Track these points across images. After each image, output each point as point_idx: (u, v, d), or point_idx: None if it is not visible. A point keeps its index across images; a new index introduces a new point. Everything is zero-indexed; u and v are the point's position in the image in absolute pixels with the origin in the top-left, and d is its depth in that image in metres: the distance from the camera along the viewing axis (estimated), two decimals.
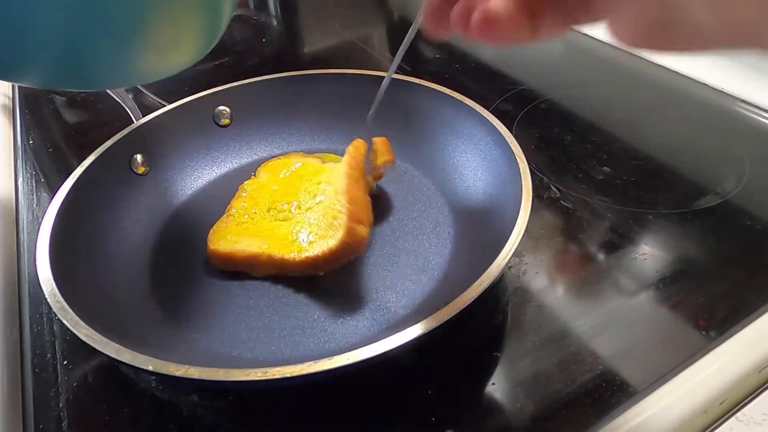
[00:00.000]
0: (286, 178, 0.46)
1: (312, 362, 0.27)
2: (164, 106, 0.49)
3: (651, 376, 0.33)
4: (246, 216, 0.43)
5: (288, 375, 0.27)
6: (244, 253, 0.40)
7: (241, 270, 0.40)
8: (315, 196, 0.44)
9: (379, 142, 0.45)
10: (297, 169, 0.47)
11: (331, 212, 0.40)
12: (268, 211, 0.43)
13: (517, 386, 0.33)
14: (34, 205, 0.51)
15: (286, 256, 0.39)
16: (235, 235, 0.41)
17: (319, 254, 0.38)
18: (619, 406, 0.31)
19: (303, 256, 0.39)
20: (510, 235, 0.33)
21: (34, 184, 0.53)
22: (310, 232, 0.40)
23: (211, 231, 0.42)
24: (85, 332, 0.29)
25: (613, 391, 0.32)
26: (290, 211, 0.43)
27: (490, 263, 0.32)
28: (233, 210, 0.44)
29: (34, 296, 0.41)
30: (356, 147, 0.43)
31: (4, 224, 0.49)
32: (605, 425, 0.31)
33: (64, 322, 0.30)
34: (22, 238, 0.47)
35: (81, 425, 0.33)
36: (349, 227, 0.38)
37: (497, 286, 0.38)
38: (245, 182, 0.46)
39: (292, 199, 0.44)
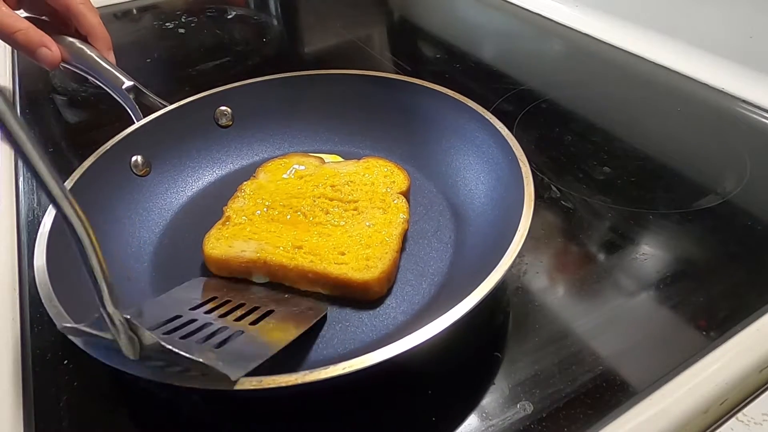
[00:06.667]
0: (287, 179, 0.46)
1: (307, 372, 0.27)
2: (165, 106, 0.49)
3: (651, 376, 0.33)
4: (244, 218, 0.42)
5: (283, 384, 0.26)
6: (240, 259, 0.39)
7: (239, 276, 0.40)
8: (329, 212, 0.43)
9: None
10: (297, 170, 0.47)
11: (371, 246, 0.39)
12: (267, 211, 0.43)
13: (518, 386, 0.33)
14: (34, 205, 0.51)
15: (285, 263, 0.38)
16: (231, 239, 0.40)
17: (334, 275, 0.37)
18: (619, 406, 0.31)
19: (314, 267, 0.38)
20: (512, 240, 0.33)
21: (34, 184, 0.53)
22: (333, 250, 0.39)
23: (207, 235, 0.41)
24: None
25: (613, 391, 0.32)
26: (296, 215, 0.42)
27: (492, 269, 0.31)
28: (230, 211, 0.43)
29: (34, 296, 0.41)
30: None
31: (4, 224, 0.49)
32: (605, 425, 0.31)
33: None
34: (22, 238, 0.47)
35: (81, 425, 0.33)
36: (384, 276, 0.37)
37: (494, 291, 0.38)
38: (244, 183, 0.46)
39: (295, 202, 0.43)
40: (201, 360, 0.27)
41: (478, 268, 0.33)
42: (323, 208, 0.43)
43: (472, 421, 0.31)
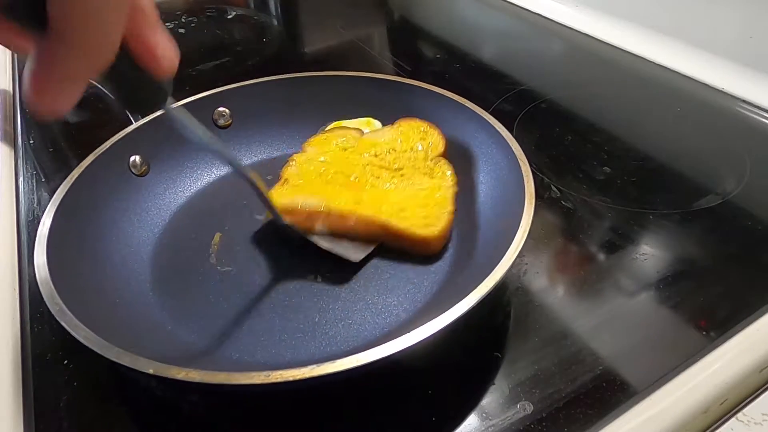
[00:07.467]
0: (334, 150, 0.47)
1: (315, 366, 0.27)
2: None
3: (651, 376, 0.33)
4: (301, 180, 0.44)
5: (290, 378, 0.27)
6: (305, 208, 0.41)
7: (302, 228, 0.41)
8: (380, 177, 0.44)
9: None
10: (342, 141, 0.48)
11: (428, 206, 0.41)
12: (320, 176, 0.44)
13: (518, 386, 0.33)
14: (35, 205, 0.51)
15: (348, 212, 0.40)
16: (293, 194, 0.42)
17: (397, 228, 0.40)
18: (619, 406, 0.31)
19: (377, 218, 0.40)
20: (513, 238, 0.33)
21: (34, 184, 0.53)
22: (393, 206, 0.41)
23: (268, 193, 0.42)
24: (84, 335, 0.29)
25: (613, 391, 0.32)
26: (348, 180, 0.44)
27: (493, 267, 0.32)
28: (287, 175, 0.45)
29: (34, 296, 0.41)
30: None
31: (4, 224, 0.48)
32: (605, 425, 0.31)
33: (63, 324, 0.30)
34: (22, 238, 0.47)
35: (81, 425, 0.33)
36: (442, 233, 0.40)
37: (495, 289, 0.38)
38: (294, 155, 0.47)
39: (346, 169, 0.45)
40: (325, 246, 0.40)
41: (479, 266, 0.34)
42: (374, 174, 0.45)
43: (472, 421, 0.31)
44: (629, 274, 0.40)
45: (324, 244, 0.40)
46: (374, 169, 0.45)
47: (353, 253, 0.40)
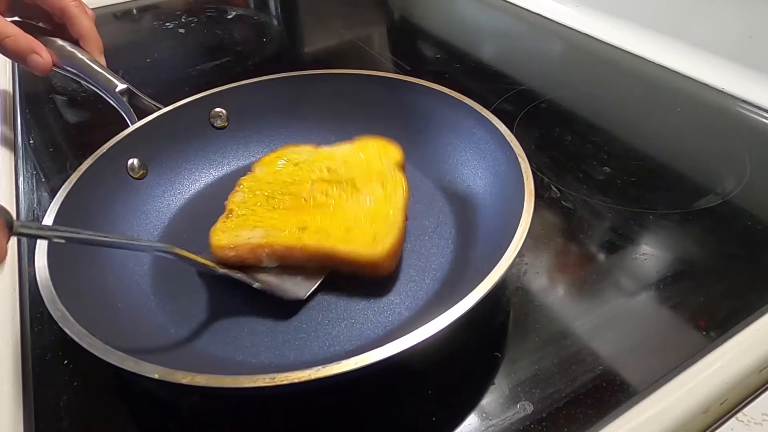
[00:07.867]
0: (282, 168, 0.46)
1: (320, 367, 0.27)
2: (159, 108, 0.49)
3: (651, 376, 0.33)
4: (246, 210, 0.42)
5: (296, 381, 0.27)
6: (249, 245, 0.39)
7: (249, 263, 0.39)
8: (328, 193, 0.43)
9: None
10: (291, 156, 0.47)
11: (376, 221, 0.39)
12: (267, 200, 0.43)
13: (518, 386, 0.33)
14: (35, 205, 0.51)
15: (292, 244, 0.38)
16: (237, 229, 0.40)
17: (342, 253, 0.38)
18: (619, 406, 0.31)
19: (321, 246, 0.38)
20: (513, 236, 0.33)
21: (34, 184, 0.53)
22: (338, 228, 0.39)
23: (212, 229, 0.41)
24: (88, 342, 0.29)
25: (613, 391, 0.32)
26: (297, 200, 0.42)
27: (494, 265, 0.31)
28: (232, 205, 0.43)
29: (34, 296, 0.41)
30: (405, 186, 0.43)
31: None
32: (605, 425, 0.31)
33: (66, 331, 0.30)
34: (22, 238, 0.47)
35: (81, 425, 0.33)
36: (392, 251, 0.38)
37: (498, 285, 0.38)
38: (242, 178, 0.46)
39: (294, 189, 0.43)
40: (262, 287, 0.38)
41: (480, 263, 0.34)
42: (322, 190, 0.43)
43: (472, 421, 0.31)
44: (629, 274, 0.40)
45: (262, 285, 0.38)
46: (323, 185, 0.43)
47: (299, 289, 0.38)
